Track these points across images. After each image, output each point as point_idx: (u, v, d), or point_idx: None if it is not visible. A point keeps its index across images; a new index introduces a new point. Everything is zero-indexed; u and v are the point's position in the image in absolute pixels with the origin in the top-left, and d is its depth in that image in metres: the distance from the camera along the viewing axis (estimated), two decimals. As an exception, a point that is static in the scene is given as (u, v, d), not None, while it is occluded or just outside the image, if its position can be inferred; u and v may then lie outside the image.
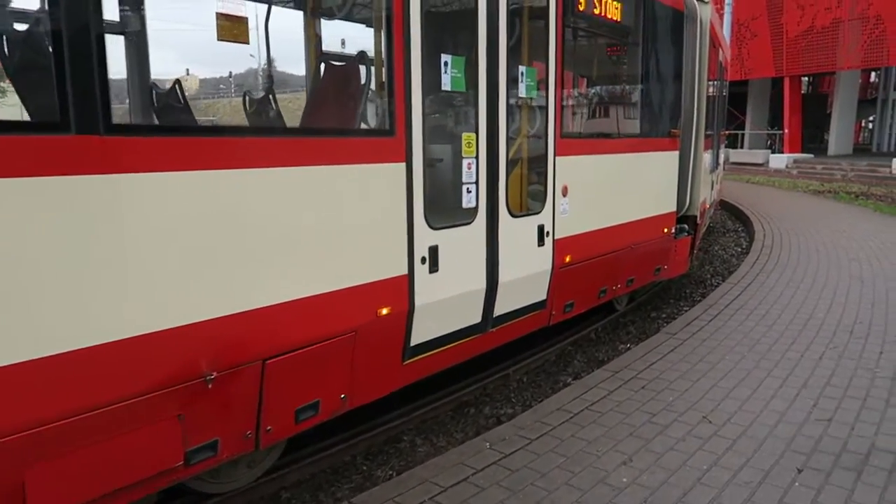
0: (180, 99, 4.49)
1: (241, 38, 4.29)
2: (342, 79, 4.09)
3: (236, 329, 3.10)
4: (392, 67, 3.76)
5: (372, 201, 3.76)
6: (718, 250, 11.95)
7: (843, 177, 23.94)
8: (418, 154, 4.00)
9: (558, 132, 5.28)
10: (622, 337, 7.03)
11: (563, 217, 5.47)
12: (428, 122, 4.40)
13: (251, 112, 4.93)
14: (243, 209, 3.07)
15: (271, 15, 4.39)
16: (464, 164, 4.43)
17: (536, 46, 5.17)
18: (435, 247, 4.21)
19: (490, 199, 4.65)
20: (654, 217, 7.10)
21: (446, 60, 4.23)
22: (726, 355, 5.30)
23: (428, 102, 4.08)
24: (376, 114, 3.97)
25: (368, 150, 3.72)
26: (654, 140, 6.91)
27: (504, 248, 4.82)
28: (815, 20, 26.58)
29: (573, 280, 5.77)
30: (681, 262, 8.17)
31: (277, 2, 4.16)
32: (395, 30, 3.74)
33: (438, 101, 5.07)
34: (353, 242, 3.66)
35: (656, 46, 6.76)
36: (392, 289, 3.95)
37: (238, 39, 4.28)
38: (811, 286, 7.72)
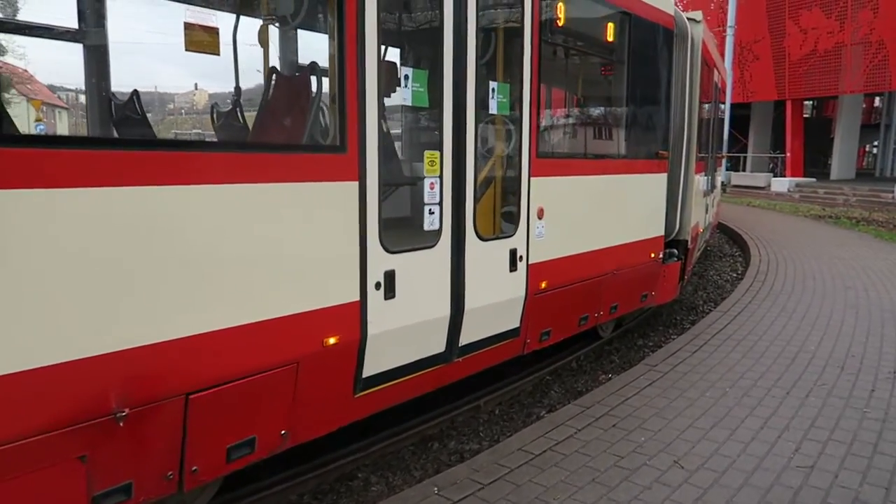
0: (137, 111, 4.26)
1: (211, 49, 4.08)
2: (292, 91, 3.86)
3: (153, 361, 2.83)
4: (343, 80, 3.52)
5: (318, 222, 3.50)
6: (713, 275, 11.65)
7: (845, 202, 23.66)
8: (373, 172, 3.75)
9: (534, 152, 5.02)
10: (605, 366, 6.73)
11: (539, 241, 5.20)
12: (386, 138, 4.16)
13: (219, 126, 4.69)
14: (159, 229, 2.80)
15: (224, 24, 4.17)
16: (426, 184, 4.18)
17: (510, 62, 4.94)
18: (391, 271, 3.95)
19: (456, 221, 4.38)
20: (640, 241, 6.83)
21: (407, 73, 3.99)
22: (707, 391, 5.00)
23: (386, 118, 3.84)
24: (326, 129, 3.72)
25: (315, 167, 3.46)
26: (639, 162, 6.65)
27: (471, 273, 4.54)
28: (818, 44, 26.45)
29: (550, 307, 5.49)
30: (670, 289, 7.88)
31: (227, 10, 3.93)
32: (348, 39, 3.50)
33: (398, 116, 4.86)
34: (294, 266, 3.39)
35: (643, 65, 6.53)
36: (340, 316, 3.67)
37: (207, 50, 4.08)
38: (804, 316, 7.42)
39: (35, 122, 23.82)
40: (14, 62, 5.54)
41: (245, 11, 4.03)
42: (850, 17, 25.15)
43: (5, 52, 5.25)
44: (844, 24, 25.41)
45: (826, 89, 27.19)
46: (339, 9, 3.46)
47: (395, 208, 4.66)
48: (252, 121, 4.36)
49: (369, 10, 3.58)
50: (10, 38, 4.44)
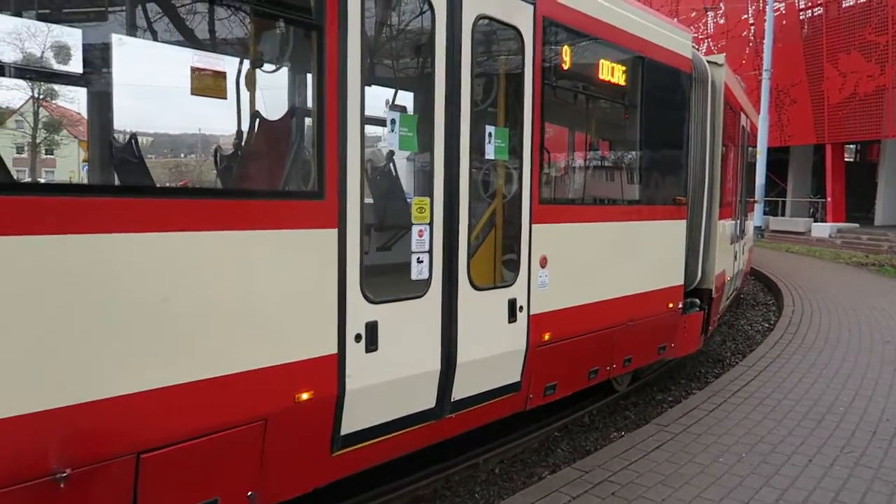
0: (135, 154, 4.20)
1: (217, 93, 4.04)
2: (272, 136, 3.76)
3: (99, 418, 2.68)
4: (322, 123, 3.41)
5: (292, 271, 3.35)
6: (744, 325, 11.16)
7: (890, 248, 22.74)
8: (354, 219, 3.60)
9: (535, 198, 4.83)
10: (619, 422, 6.37)
11: (543, 290, 4.97)
12: (371, 184, 4.02)
13: (221, 169, 4.63)
14: (110, 277, 2.68)
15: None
16: (414, 232, 4.01)
17: (510, 106, 4.80)
18: (373, 323, 3.76)
19: (447, 270, 4.19)
20: (657, 291, 6.52)
21: (394, 118, 3.87)
22: (721, 456, 4.63)
23: (371, 163, 3.71)
24: (304, 174, 3.60)
25: (289, 214, 3.33)
26: (654, 208, 6.39)
27: (464, 325, 4.33)
28: (858, 87, 25.88)
29: (554, 360, 5.22)
30: (691, 340, 7.50)
31: (209, 49, 3.88)
32: (328, 81, 3.39)
33: (385, 162, 4.72)
34: (263, 317, 3.23)
35: (658, 109, 6.32)
36: (316, 370, 3.49)
37: (213, 94, 4.03)
38: (836, 372, 6.96)
39: (83, 163, 24.74)
40: (65, 105, 5.68)
41: (233, 54, 3.97)
42: (892, 61, 24.58)
43: (57, 96, 5.39)
44: (885, 68, 24.84)
45: (867, 133, 26.50)
46: (319, 49, 3.37)
47: (383, 256, 4.51)
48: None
49: (352, 51, 3.48)
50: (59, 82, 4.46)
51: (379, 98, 4.66)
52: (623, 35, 5.74)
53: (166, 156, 7.92)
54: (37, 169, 11.79)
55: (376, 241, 5.03)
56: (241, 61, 3.95)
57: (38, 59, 3.97)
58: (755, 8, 30.36)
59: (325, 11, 3.37)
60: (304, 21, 3.47)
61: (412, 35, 4.49)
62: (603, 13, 5.45)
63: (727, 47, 31.78)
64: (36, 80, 4.76)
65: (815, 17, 27.81)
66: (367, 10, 3.62)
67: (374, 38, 4.56)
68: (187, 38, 3.89)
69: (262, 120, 3.89)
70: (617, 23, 5.64)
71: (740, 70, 29.00)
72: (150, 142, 4.24)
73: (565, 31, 5.10)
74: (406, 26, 4.49)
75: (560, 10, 4.97)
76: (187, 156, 3.91)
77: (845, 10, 26.59)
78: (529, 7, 4.66)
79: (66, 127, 8.04)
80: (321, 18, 3.37)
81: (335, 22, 3.41)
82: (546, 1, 4.81)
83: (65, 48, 3.85)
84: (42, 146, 10.69)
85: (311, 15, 3.38)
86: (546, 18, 4.82)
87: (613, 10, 5.59)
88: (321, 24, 3.37)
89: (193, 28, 3.90)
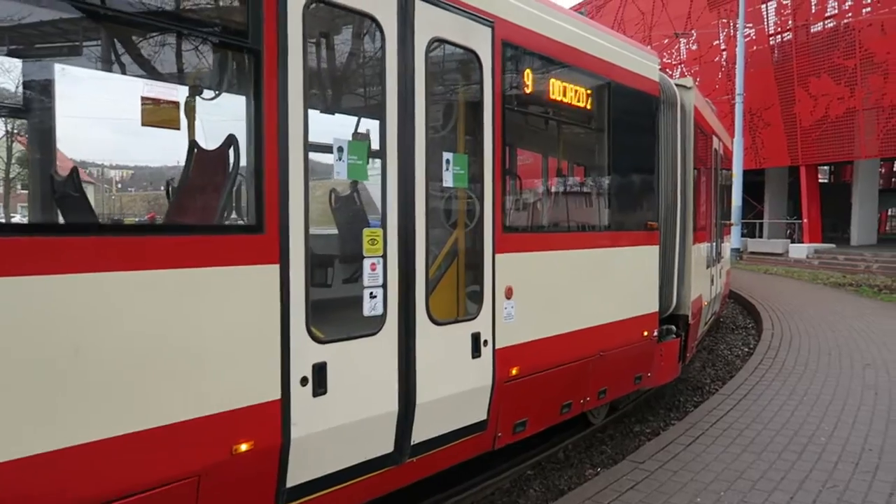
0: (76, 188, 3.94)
1: (171, 124, 3.82)
2: (209, 166, 3.53)
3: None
4: (261, 151, 3.19)
5: (227, 311, 3.09)
6: (724, 350, 10.99)
7: (867, 268, 22.86)
8: (298, 254, 3.36)
9: (499, 226, 4.63)
10: (595, 458, 6.11)
11: (508, 323, 4.74)
12: (318, 216, 3.79)
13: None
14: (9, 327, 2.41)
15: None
16: (366, 265, 3.77)
17: (469, 131, 4.62)
18: (322, 364, 3.50)
19: (404, 305, 3.95)
20: (630, 319, 6.32)
21: (341, 146, 3.65)
22: (698, 495, 4.38)
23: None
24: (242, 207, 3.37)
25: (225, 249, 3.08)
26: (625, 234, 6.22)
27: (424, 362, 4.08)
28: (829, 110, 26.24)
29: (523, 395, 4.98)
30: (668, 368, 7.30)
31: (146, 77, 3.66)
32: (266, 105, 3.18)
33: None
34: (194, 363, 2.97)
35: (626, 133, 6.18)
36: (256, 419, 3.21)
37: (166, 125, 3.81)
38: (816, 399, 6.77)
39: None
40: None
41: (171, 81, 3.76)
42: (860, 83, 25.00)
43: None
44: (855, 90, 25.24)
45: (839, 155, 26.83)
46: (257, 73, 3.16)
47: (338, 290, 4.27)
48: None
49: (293, 75, 3.28)
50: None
51: (326, 124, 4.46)
52: (587, 58, 5.61)
53: (102, 191, 7.67)
54: (10, 205, 11.46)
55: (336, 275, 4.80)
56: (178, 89, 3.74)
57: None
58: (726, 34, 30.87)
59: (263, 35, 3.17)
60: (240, 45, 3.27)
61: (362, 59, 4.32)
62: (566, 36, 5.32)
63: (700, 73, 32.26)
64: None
65: (785, 43, 28.29)
66: (309, 32, 3.44)
67: (321, 61, 4.38)
68: (119, 66, 3.67)
69: (199, 150, 3.66)
70: (581, 46, 5.52)
71: (714, 94, 29.39)
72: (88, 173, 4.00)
73: (526, 55, 4.96)
74: (355, 50, 4.32)
75: (520, 33, 4.83)
76: (123, 190, 3.69)
77: (813, 35, 27.09)
78: (487, 30, 4.51)
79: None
80: (258, 42, 3.17)
81: (273, 45, 3.21)
82: (505, 24, 4.66)
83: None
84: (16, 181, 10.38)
85: (246, 38, 3.18)
86: (505, 42, 4.67)
87: (577, 34, 5.48)
88: (258, 49, 3.17)
89: (126, 55, 3.70)
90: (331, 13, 3.88)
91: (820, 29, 26.86)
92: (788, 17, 27.77)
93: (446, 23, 4.18)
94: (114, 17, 3.04)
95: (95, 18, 3.30)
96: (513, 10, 4.76)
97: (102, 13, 2.96)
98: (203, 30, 3.23)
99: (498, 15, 4.60)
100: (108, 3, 2.87)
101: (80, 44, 3.85)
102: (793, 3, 27.34)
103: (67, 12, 3.24)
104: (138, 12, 2.97)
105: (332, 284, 4.53)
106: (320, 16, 3.93)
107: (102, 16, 3.09)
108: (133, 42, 3.57)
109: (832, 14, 26.21)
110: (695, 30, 31.85)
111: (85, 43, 3.81)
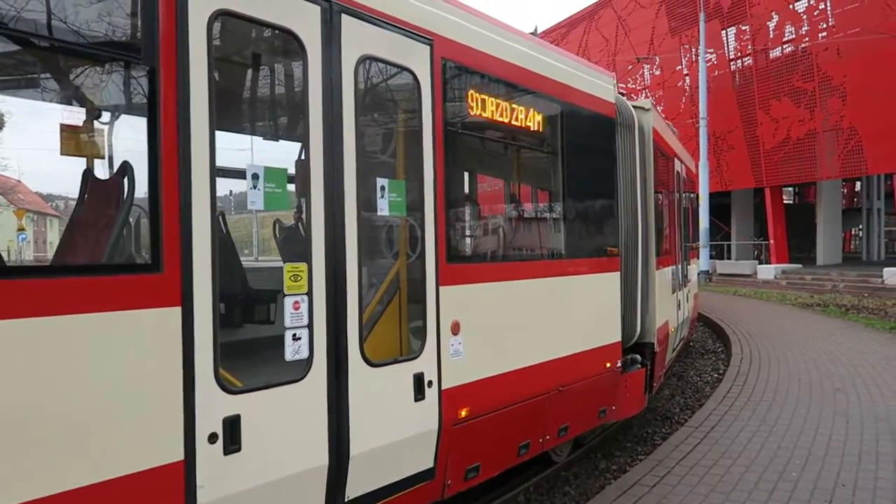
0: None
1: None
2: (102, 197, 3.16)
3: None
4: (157, 180, 2.82)
5: (117, 362, 2.70)
6: (693, 376, 10.74)
7: (834, 287, 23.01)
8: (205, 294, 2.98)
9: (442, 257, 4.29)
10: (558, 499, 5.74)
11: (456, 360, 4.39)
12: (229, 250, 3.43)
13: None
14: None
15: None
16: (287, 304, 3.40)
17: (407, 155, 4.31)
18: (234, 417, 3.10)
19: (333, 347, 3.58)
20: (591, 350, 6.01)
21: (256, 172, 3.30)
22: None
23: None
24: (138, 243, 3.00)
25: (114, 292, 2.69)
26: (582, 261, 5.93)
27: (358, 409, 3.70)
28: (790, 132, 26.68)
29: (475, 438, 4.61)
30: (634, 400, 6.98)
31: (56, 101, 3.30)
32: (164, 128, 2.83)
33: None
34: (69, 425, 2.56)
35: (579, 156, 5.92)
36: (153, 484, 2.80)
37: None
38: (786, 429, 6.50)
39: (18, 231, 23.09)
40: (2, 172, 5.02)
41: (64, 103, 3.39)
42: (820, 106, 25.45)
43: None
44: (814, 113, 25.69)
45: (802, 176, 27.23)
46: (151, 88, 2.81)
47: (250, 332, 3.89)
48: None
49: (196, 95, 2.92)
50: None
51: (244, 149, 4.12)
52: (538, 79, 5.36)
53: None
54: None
55: (267, 314, 4.42)
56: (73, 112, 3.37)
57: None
58: (688, 59, 31.37)
59: (158, 51, 2.83)
60: (133, 62, 2.93)
61: (282, 77, 3.99)
62: (514, 56, 5.07)
63: (664, 97, 32.70)
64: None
65: (745, 67, 28.81)
66: (218, 48, 3.11)
67: (234, 80, 4.05)
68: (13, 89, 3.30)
69: (93, 180, 3.29)
70: (531, 66, 5.27)
71: (678, 118, 29.72)
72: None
73: (470, 75, 4.68)
74: (274, 67, 3.99)
75: (463, 51, 4.56)
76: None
77: (773, 60, 27.61)
78: (426, 48, 4.22)
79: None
80: (152, 59, 2.82)
81: (172, 62, 2.87)
82: (446, 42, 4.38)
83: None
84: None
85: (139, 55, 2.84)
86: (447, 60, 4.39)
87: (526, 53, 5.23)
88: (153, 66, 2.83)
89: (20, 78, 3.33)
90: (244, 27, 3.56)
91: (779, 54, 27.39)
92: (748, 43, 28.32)
93: (378, 40, 3.88)
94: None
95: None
96: (455, 27, 4.49)
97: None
98: (93, 46, 2.88)
99: (438, 32, 4.32)
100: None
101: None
102: (752, 29, 27.90)
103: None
104: (14, 29, 2.61)
105: (274, 321, 4.14)
106: (231, 30, 3.60)
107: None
108: (15, 60, 3.20)
109: (790, 39, 26.78)
110: (657, 55, 32.33)
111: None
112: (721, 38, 29.11)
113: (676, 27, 31.33)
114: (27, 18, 2.64)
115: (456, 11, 4.53)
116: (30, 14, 2.65)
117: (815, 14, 25.57)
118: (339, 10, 3.61)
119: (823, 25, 25.46)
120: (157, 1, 2.82)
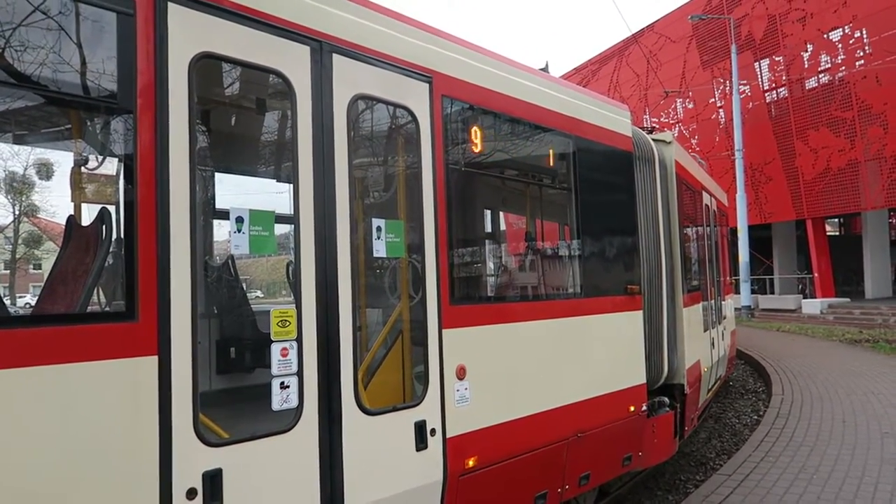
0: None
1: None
2: (82, 243, 3.10)
3: None
4: (133, 225, 2.75)
5: (87, 416, 2.59)
6: (731, 418, 10.25)
7: (884, 322, 21.99)
8: (184, 342, 2.88)
9: (445, 298, 4.13)
10: (580, 554, 5.42)
11: (462, 407, 4.19)
12: (212, 297, 3.33)
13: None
14: None
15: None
16: (275, 351, 3.28)
17: (409, 195, 4.20)
18: (215, 472, 2.96)
19: (325, 395, 3.43)
20: (612, 393, 5.73)
21: (241, 216, 3.22)
22: None
23: (209, 273, 3.04)
24: (114, 290, 2.92)
25: (83, 342, 2.60)
26: (602, 299, 5.70)
27: (353, 461, 3.52)
28: (830, 162, 25.95)
29: (485, 489, 4.37)
30: (663, 446, 6.63)
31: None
32: (141, 173, 2.77)
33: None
34: (38, 481, 2.45)
35: (595, 192, 5.74)
36: (123, 547, 2.67)
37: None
38: (827, 478, 6.06)
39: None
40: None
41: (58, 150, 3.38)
42: (860, 135, 24.76)
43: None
44: (854, 142, 24.99)
45: (845, 207, 26.33)
46: (128, 132, 2.77)
47: (234, 380, 3.77)
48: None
49: (176, 135, 2.87)
50: None
51: (232, 192, 4.06)
52: (547, 114, 5.24)
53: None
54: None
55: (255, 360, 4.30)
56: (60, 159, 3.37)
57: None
58: (721, 91, 31.00)
59: (136, 94, 2.79)
60: (109, 106, 2.90)
61: (270, 119, 3.94)
62: (519, 91, 4.96)
63: (698, 130, 32.29)
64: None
65: (781, 98, 28.30)
66: (202, 90, 3.07)
67: (220, 123, 4.01)
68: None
69: (75, 227, 3.25)
70: (538, 101, 5.15)
71: (713, 151, 29.28)
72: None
73: (473, 112, 4.58)
74: (262, 108, 3.94)
75: (465, 88, 4.47)
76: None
77: (809, 91, 27.07)
78: (424, 85, 4.14)
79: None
80: (129, 102, 2.78)
81: (150, 105, 2.82)
82: (446, 79, 4.30)
83: None
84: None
85: (115, 99, 2.80)
86: (447, 98, 4.30)
87: (532, 88, 5.12)
88: (130, 109, 2.79)
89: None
90: (231, 69, 3.53)
91: (815, 84, 26.86)
92: (782, 73, 27.87)
93: (373, 79, 3.82)
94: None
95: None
96: (455, 63, 4.42)
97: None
98: (69, 91, 2.86)
99: (437, 69, 4.24)
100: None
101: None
102: (785, 60, 27.48)
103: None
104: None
105: (253, 370, 4.03)
106: (216, 72, 3.58)
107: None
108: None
109: (826, 68, 26.25)
110: (690, 89, 32.04)
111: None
112: (754, 70, 28.72)
113: (708, 60, 31.07)
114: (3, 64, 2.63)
115: (456, 48, 4.46)
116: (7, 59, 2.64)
117: (850, 42, 25.06)
118: (330, 50, 3.56)
119: (860, 53, 24.91)
120: (136, 45, 2.79)
